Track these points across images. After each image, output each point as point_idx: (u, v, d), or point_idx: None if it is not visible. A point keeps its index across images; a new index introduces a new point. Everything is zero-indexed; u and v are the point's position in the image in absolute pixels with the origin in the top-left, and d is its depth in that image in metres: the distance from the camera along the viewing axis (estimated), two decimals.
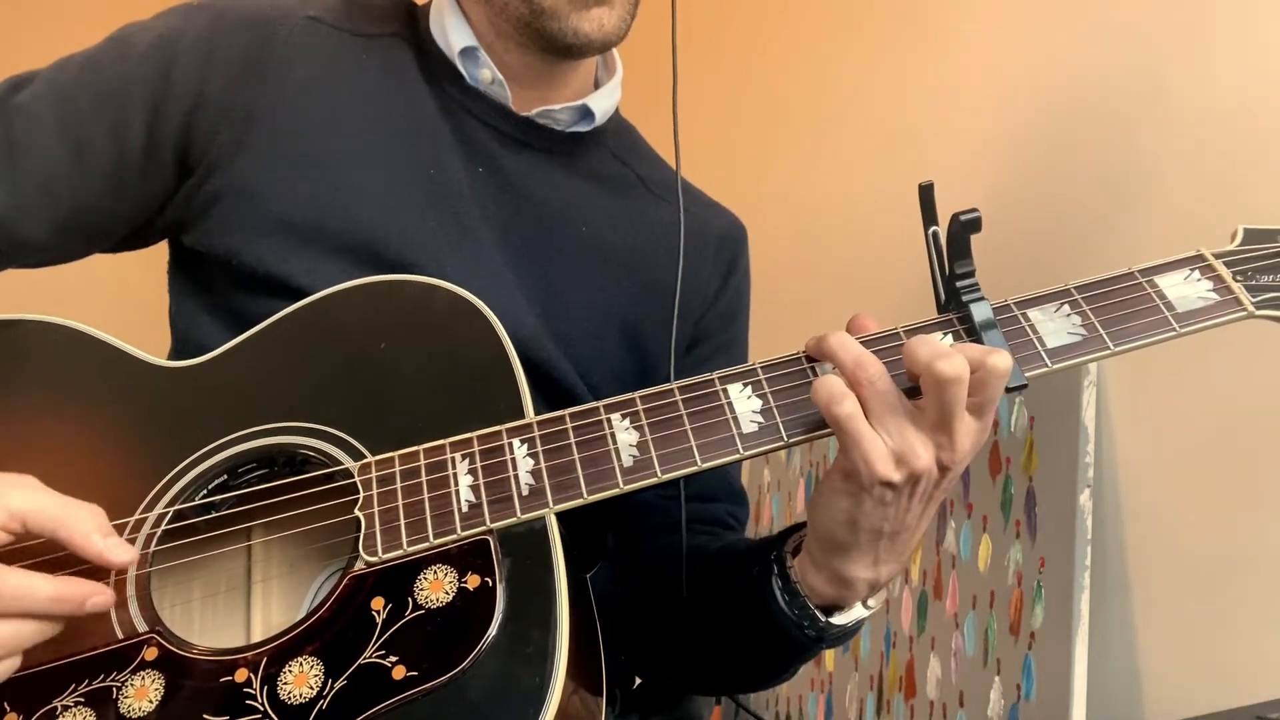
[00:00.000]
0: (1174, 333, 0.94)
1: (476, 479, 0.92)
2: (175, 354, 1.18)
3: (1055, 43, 1.80)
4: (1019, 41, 1.89)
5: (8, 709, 0.84)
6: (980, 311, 0.94)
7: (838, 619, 1.01)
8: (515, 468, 0.93)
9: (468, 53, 1.22)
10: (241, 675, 0.85)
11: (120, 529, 0.93)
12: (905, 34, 2.24)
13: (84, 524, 0.86)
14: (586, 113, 1.27)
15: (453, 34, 1.22)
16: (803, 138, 2.64)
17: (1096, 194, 1.66)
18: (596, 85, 1.32)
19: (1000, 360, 0.88)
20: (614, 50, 1.31)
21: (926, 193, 0.96)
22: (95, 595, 0.85)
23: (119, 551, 0.87)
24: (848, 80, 2.45)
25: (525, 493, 0.91)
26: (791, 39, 2.68)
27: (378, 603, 0.87)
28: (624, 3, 1.17)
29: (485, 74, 1.22)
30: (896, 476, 0.90)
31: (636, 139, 1.39)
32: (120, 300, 2.25)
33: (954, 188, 0.96)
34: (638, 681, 1.30)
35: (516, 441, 0.94)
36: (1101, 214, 1.64)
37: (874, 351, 0.92)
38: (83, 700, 0.85)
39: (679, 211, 1.26)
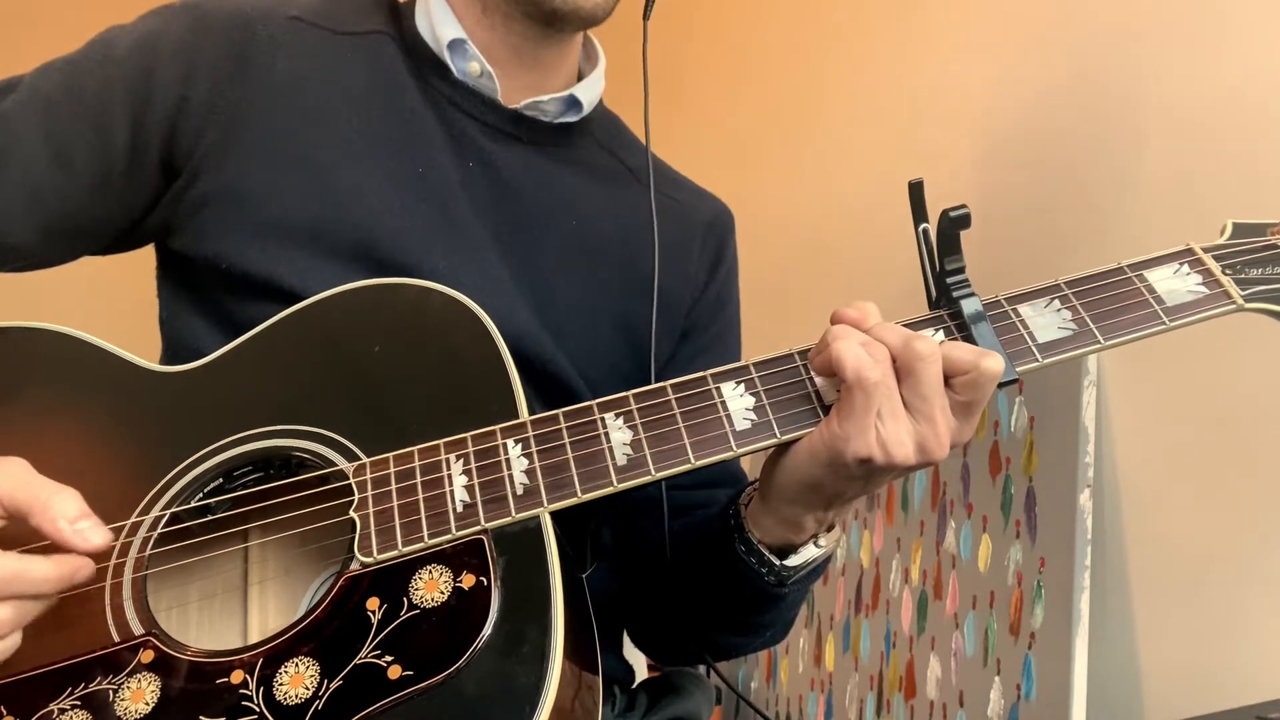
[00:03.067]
0: (1164, 326, 0.94)
1: (471, 479, 0.92)
2: (167, 358, 1.19)
3: (1046, 39, 1.80)
4: (1011, 38, 1.89)
5: (4, 713, 0.85)
6: (970, 306, 0.95)
7: (792, 560, 1.03)
8: (510, 468, 0.93)
9: (455, 45, 1.22)
10: (238, 677, 0.86)
11: (116, 533, 0.93)
12: (898, 28, 2.24)
13: (53, 509, 0.85)
14: (574, 103, 1.28)
15: (440, 26, 1.22)
16: (794, 134, 2.64)
17: (1087, 189, 1.66)
18: (580, 78, 1.32)
19: (993, 363, 0.89)
20: (595, 41, 1.33)
21: (916, 190, 0.97)
22: (81, 569, 0.85)
23: (92, 535, 0.86)
24: (840, 75, 2.45)
25: (520, 492, 0.92)
26: (784, 33, 2.68)
27: (373, 603, 0.88)
28: None
29: (474, 67, 1.22)
30: (879, 458, 0.90)
31: (621, 129, 1.40)
32: (112, 305, 2.24)
33: (945, 184, 0.96)
34: (637, 680, 1.30)
35: (511, 441, 0.94)
36: (1092, 209, 1.65)
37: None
38: (79, 703, 0.85)
39: (653, 196, 1.26)
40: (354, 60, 1.21)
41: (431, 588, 0.88)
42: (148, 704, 0.85)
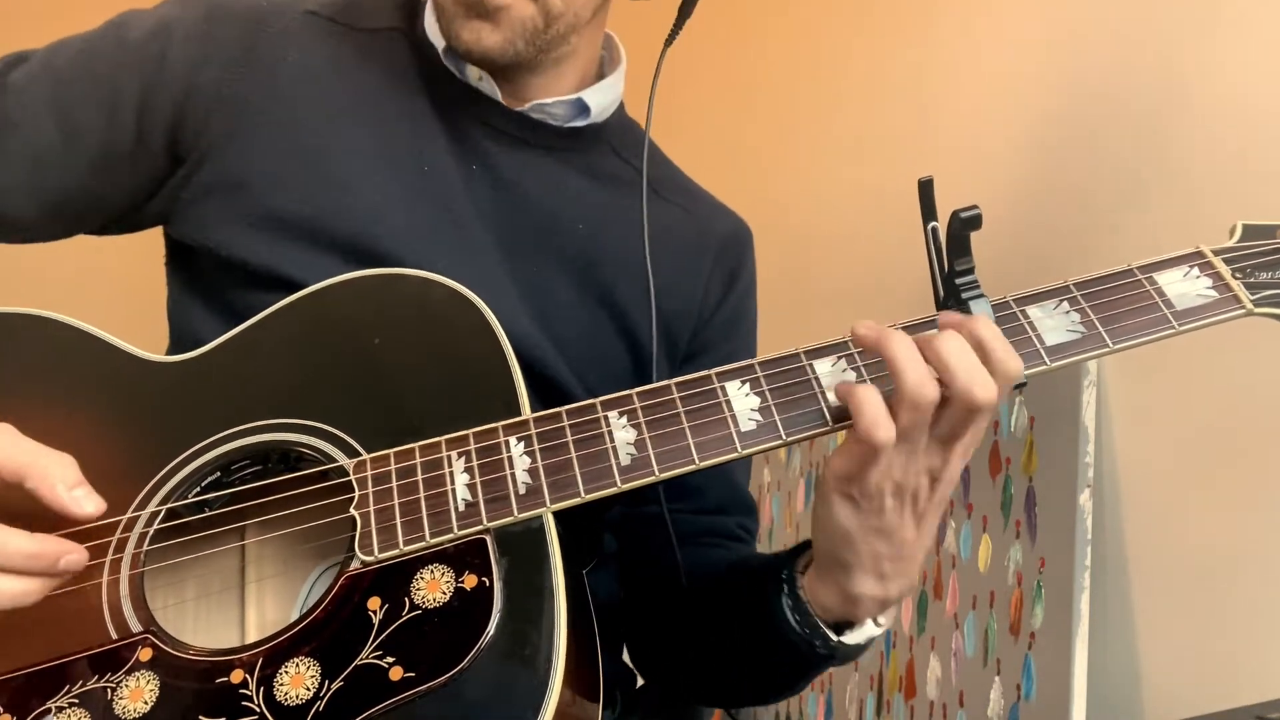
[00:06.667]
0: (1173, 330, 0.93)
1: (473, 478, 0.91)
2: (172, 346, 1.18)
3: (1062, 39, 1.80)
4: (1026, 37, 1.88)
5: (1, 711, 0.84)
6: (980, 309, 0.93)
7: (849, 637, 1.00)
8: (512, 466, 0.92)
9: (449, 52, 1.20)
10: (237, 676, 0.85)
11: (112, 528, 0.93)
12: (912, 29, 2.23)
13: (51, 473, 0.86)
14: (583, 107, 1.25)
15: (434, 33, 1.21)
16: (807, 135, 2.63)
17: (1100, 190, 1.66)
18: (602, 77, 1.29)
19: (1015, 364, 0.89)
20: (617, 42, 1.30)
21: (926, 188, 0.95)
22: (69, 553, 0.86)
23: (86, 502, 0.87)
24: (853, 76, 2.44)
25: (522, 492, 0.91)
26: (797, 33, 2.67)
27: (374, 603, 0.87)
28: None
29: (472, 71, 1.20)
30: (887, 489, 0.90)
31: (641, 136, 1.34)
32: (122, 292, 2.23)
33: (960, 184, 0.95)
34: (639, 682, 1.29)
35: (513, 440, 0.93)
36: (1107, 210, 1.64)
37: None
38: (77, 701, 0.85)
39: (645, 205, 1.23)
40: (365, 57, 1.20)
41: (433, 588, 0.87)
42: (146, 703, 0.84)
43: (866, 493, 0.91)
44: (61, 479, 0.87)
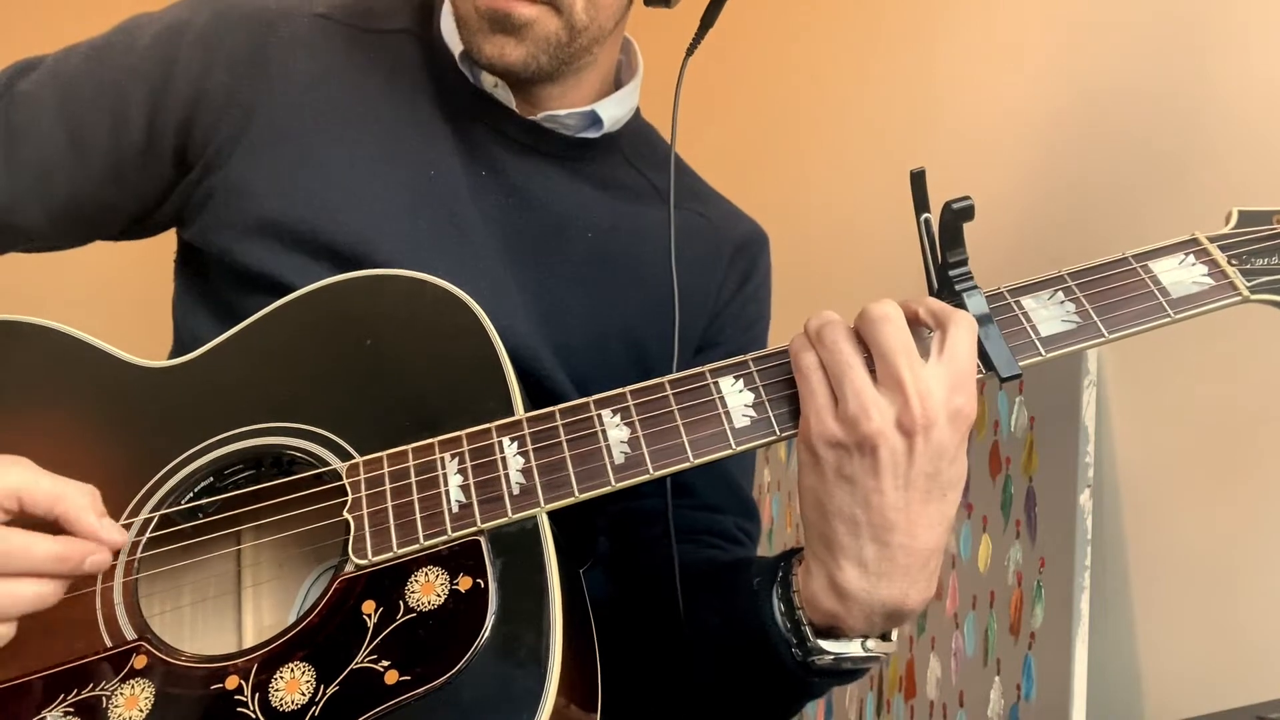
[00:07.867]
0: (1169, 319, 0.92)
1: (466, 479, 0.91)
2: (175, 346, 1.18)
3: (1062, 42, 1.80)
4: (1034, 33, 1.88)
5: None
6: (976, 307, 0.92)
7: (829, 644, 0.94)
8: (505, 467, 0.91)
9: (465, 57, 1.18)
10: (232, 682, 0.84)
11: None
12: (919, 37, 2.23)
13: (81, 501, 0.86)
14: (596, 119, 1.24)
15: (450, 36, 1.20)
16: (817, 134, 2.62)
17: (1107, 191, 1.66)
18: (620, 85, 1.28)
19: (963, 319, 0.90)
20: (636, 48, 1.29)
21: (918, 179, 0.95)
22: (94, 554, 0.86)
23: (112, 531, 0.87)
24: (864, 80, 2.44)
25: (516, 492, 0.90)
26: (809, 38, 2.67)
27: (369, 606, 0.86)
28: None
29: (488, 78, 1.18)
30: (840, 432, 0.87)
31: (656, 146, 1.34)
32: (126, 294, 2.23)
33: (968, 185, 0.95)
34: None
35: (506, 440, 0.93)
36: (1115, 212, 1.64)
37: None
38: (72, 710, 0.84)
39: (671, 215, 1.21)
40: (375, 60, 1.19)
41: (428, 590, 0.86)
42: (141, 711, 0.84)
43: (824, 440, 0.88)
44: (91, 507, 0.87)
